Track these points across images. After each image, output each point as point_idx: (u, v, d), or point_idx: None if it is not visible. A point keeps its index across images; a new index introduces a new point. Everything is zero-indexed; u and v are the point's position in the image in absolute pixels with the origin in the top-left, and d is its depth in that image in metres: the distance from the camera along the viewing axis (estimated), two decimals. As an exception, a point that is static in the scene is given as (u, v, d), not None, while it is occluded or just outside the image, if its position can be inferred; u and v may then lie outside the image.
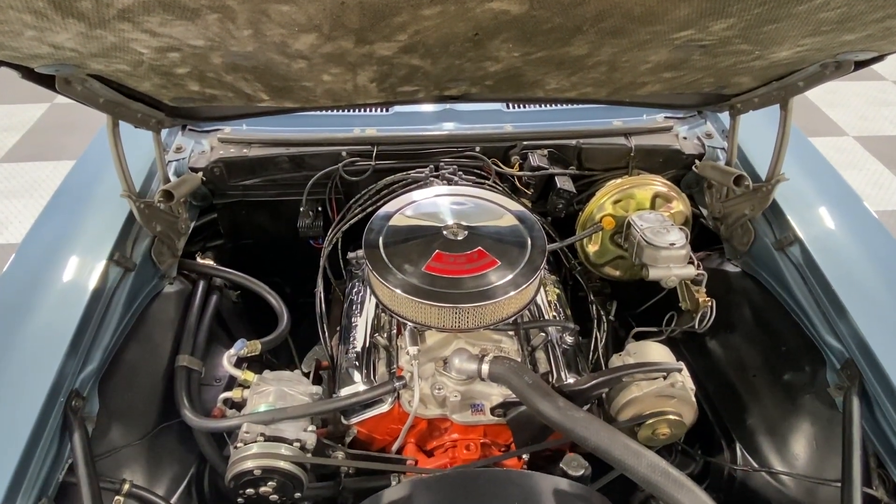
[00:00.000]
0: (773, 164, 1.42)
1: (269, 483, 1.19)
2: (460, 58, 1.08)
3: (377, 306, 1.48)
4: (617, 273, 1.76)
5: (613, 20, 0.89)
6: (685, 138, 1.82)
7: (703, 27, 0.93)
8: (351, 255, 1.73)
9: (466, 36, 0.95)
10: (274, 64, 1.04)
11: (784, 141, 1.38)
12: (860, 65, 1.14)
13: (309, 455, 1.22)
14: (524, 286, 1.28)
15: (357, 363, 1.40)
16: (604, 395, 1.33)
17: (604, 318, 1.68)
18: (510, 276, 1.28)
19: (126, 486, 1.19)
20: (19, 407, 1.09)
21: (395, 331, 1.47)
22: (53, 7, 0.72)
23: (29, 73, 0.97)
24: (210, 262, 1.66)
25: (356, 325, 1.51)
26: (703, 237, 1.79)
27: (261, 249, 1.93)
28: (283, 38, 0.90)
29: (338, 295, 1.79)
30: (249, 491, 1.20)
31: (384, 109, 1.90)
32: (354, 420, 1.35)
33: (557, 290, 1.66)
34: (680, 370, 1.24)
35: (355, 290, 1.63)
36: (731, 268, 1.63)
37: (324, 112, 1.86)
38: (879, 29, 0.93)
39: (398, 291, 1.25)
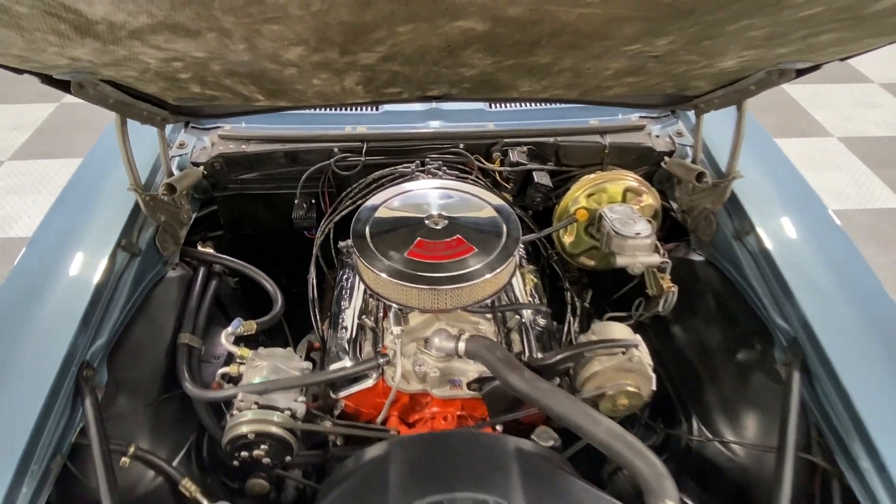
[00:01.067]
0: (730, 162, 1.53)
1: (262, 447, 1.29)
2: (437, 65, 1.17)
3: (365, 292, 1.59)
4: (592, 263, 1.86)
5: (567, 37, 0.99)
6: (657, 136, 1.92)
7: (649, 42, 1.03)
8: (342, 244, 1.83)
9: (440, 47, 1.04)
10: (267, 70, 1.14)
11: (739, 140, 1.49)
12: (801, 72, 1.24)
13: (299, 422, 1.34)
14: (498, 270, 1.39)
15: (345, 343, 1.51)
16: (571, 372, 1.45)
17: (577, 303, 1.79)
18: (486, 262, 1.39)
19: (132, 449, 1.30)
20: (36, 375, 1.20)
21: (381, 314, 1.58)
22: (74, 29, 0.83)
23: (47, 79, 1.09)
24: (210, 250, 1.77)
25: (345, 309, 1.62)
26: (674, 230, 1.90)
27: (258, 240, 2.03)
28: (275, 50, 1.00)
29: (331, 284, 1.89)
30: (244, 454, 1.30)
31: (374, 108, 2.01)
32: (342, 394, 1.45)
33: (535, 279, 1.77)
34: (637, 346, 1.35)
35: (345, 276, 1.74)
36: (696, 257, 1.74)
37: (317, 111, 1.97)
38: (805, 45, 1.04)
39: (383, 275, 1.36)
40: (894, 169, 3.99)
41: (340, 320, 1.59)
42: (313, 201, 1.91)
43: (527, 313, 1.56)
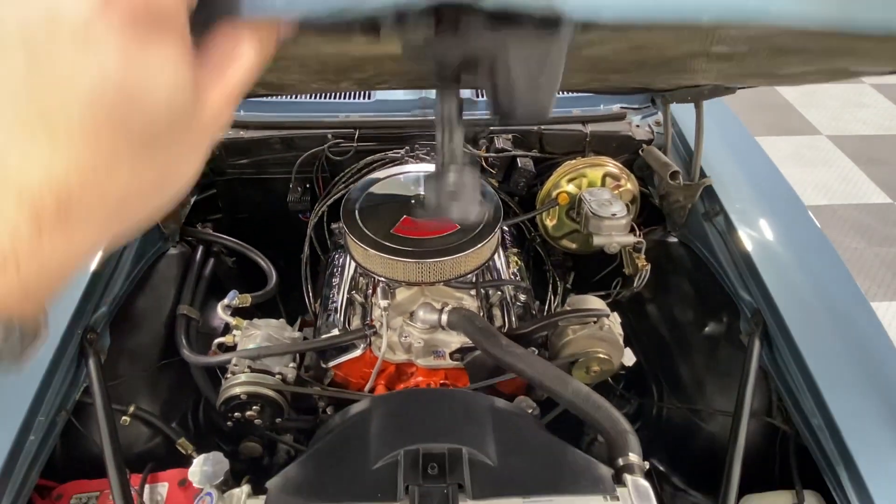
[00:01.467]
0: (694, 164, 1.61)
1: (254, 407, 1.36)
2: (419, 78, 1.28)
3: (355, 270, 1.67)
4: (574, 246, 1.94)
5: None
6: (637, 126, 2.00)
7: (602, 80, 1.13)
8: (335, 225, 1.92)
9: (422, 69, 1.15)
10: (270, 81, 1.25)
11: (700, 140, 1.56)
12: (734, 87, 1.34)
13: (289, 386, 1.42)
14: (479, 245, 1.47)
15: (336, 317, 1.59)
16: (549, 342, 1.53)
17: (559, 282, 1.88)
18: (467, 238, 1.47)
19: (132, 409, 1.39)
20: None
21: (370, 290, 1.66)
22: None
23: None
24: (209, 231, 1.86)
25: (336, 285, 1.70)
26: (654, 215, 1.98)
27: (255, 223, 2.11)
28: (278, 76, 1.11)
29: (325, 266, 1.98)
30: (237, 414, 1.38)
31: (366, 97, 2.10)
32: (332, 363, 1.53)
33: (519, 262, 1.85)
34: (607, 315, 1.43)
35: (337, 256, 1.83)
36: (671, 239, 1.82)
37: (312, 99, 2.07)
38: (736, 82, 1.14)
39: (370, 251, 1.45)
40: (881, 166, 4.07)
41: (331, 296, 1.67)
42: (307, 185, 1.98)
43: (508, 290, 1.64)
